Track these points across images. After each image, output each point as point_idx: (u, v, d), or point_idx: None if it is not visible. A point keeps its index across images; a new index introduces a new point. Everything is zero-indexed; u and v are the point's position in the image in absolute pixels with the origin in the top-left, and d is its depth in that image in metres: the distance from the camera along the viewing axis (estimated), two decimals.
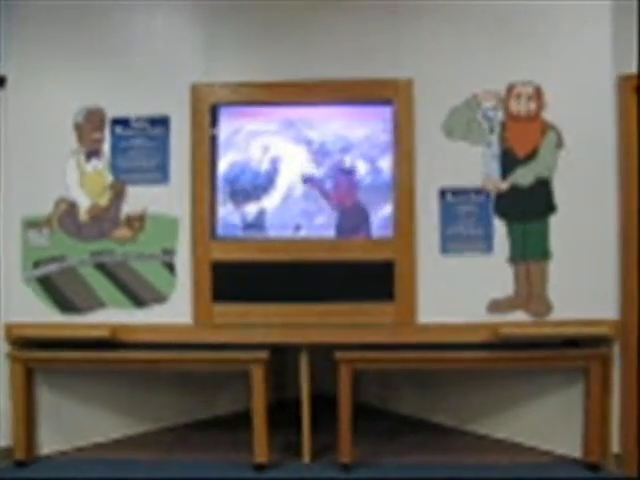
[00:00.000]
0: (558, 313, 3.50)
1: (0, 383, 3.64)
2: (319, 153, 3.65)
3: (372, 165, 3.64)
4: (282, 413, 4.07)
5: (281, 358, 4.16)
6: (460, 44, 3.55)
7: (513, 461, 3.62)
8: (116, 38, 3.64)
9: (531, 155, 3.51)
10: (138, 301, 3.62)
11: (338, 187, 3.64)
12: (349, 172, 3.63)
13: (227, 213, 3.67)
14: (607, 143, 3.49)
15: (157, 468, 3.58)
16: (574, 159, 3.49)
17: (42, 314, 3.63)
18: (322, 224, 3.65)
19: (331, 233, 3.63)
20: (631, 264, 3.45)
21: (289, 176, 3.66)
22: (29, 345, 3.64)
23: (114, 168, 3.65)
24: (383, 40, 3.59)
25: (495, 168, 3.52)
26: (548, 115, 3.51)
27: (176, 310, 3.60)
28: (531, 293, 3.52)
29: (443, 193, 3.54)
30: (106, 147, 3.65)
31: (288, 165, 3.67)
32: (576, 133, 3.48)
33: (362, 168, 3.64)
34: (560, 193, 3.50)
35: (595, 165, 3.49)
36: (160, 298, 3.62)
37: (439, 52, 3.56)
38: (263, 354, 3.52)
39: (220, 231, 3.65)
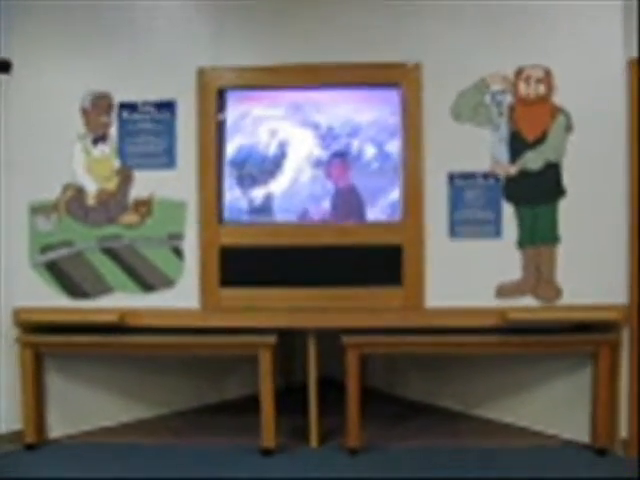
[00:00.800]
0: (567, 298, 3.49)
1: (10, 367, 3.66)
2: (326, 137, 3.64)
3: (380, 149, 3.62)
4: (290, 397, 4.08)
5: (289, 342, 4.16)
6: (468, 27, 3.51)
7: (520, 445, 3.62)
8: (123, 22, 3.62)
9: (540, 139, 3.48)
10: (146, 286, 3.63)
11: (333, 169, 3.63)
12: (342, 154, 3.61)
13: (234, 197, 3.66)
14: (617, 127, 3.45)
15: (165, 452, 3.60)
16: (584, 143, 3.46)
17: (50, 299, 3.64)
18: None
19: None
20: None
21: (296, 160, 3.65)
22: (38, 330, 3.66)
23: (121, 153, 3.64)
24: (391, 23, 3.55)
25: (504, 152, 3.50)
26: (557, 98, 3.47)
27: (184, 295, 3.60)
28: (540, 278, 3.50)
29: (452, 177, 3.52)
30: (113, 132, 3.64)
31: (295, 149, 3.65)
32: (586, 117, 3.45)
33: (370, 152, 3.63)
34: (569, 177, 3.47)
35: (605, 149, 3.46)
36: (168, 283, 3.62)
37: (447, 35, 3.52)
38: (271, 338, 3.53)
39: (227, 215, 3.65)
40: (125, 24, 3.63)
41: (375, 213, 3.62)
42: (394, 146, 3.59)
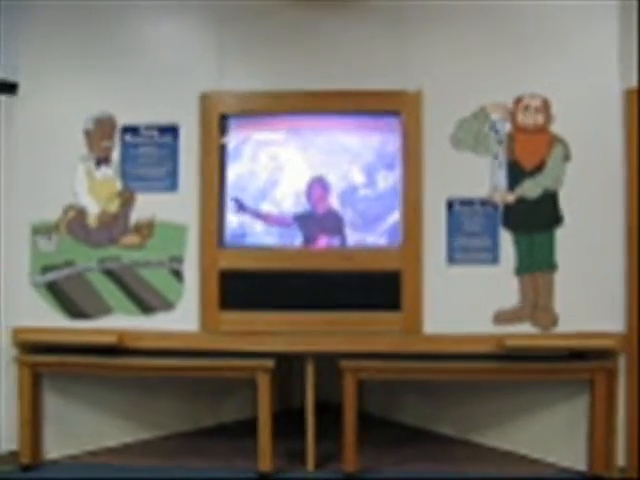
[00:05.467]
0: (564, 325, 3.50)
1: (7, 387, 3.66)
2: (326, 163, 3.67)
3: (379, 175, 3.66)
4: (287, 421, 4.08)
5: (287, 366, 4.17)
6: (468, 56, 3.57)
7: (516, 472, 3.61)
8: (127, 46, 3.68)
9: (538, 167, 3.52)
10: (145, 308, 3.64)
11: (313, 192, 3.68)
12: (320, 179, 3.66)
13: (235, 221, 3.69)
14: (614, 156, 3.50)
15: (161, 475, 3.59)
16: (581, 172, 3.50)
17: (50, 319, 3.65)
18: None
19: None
20: (637, 277, 3.45)
21: (296, 185, 3.68)
22: (36, 350, 3.66)
23: (123, 175, 3.68)
24: (392, 52, 3.61)
25: (502, 180, 3.54)
26: (556, 128, 3.52)
27: (183, 317, 3.61)
28: (537, 305, 3.52)
29: (450, 204, 3.56)
30: (116, 154, 3.68)
31: (295, 174, 3.68)
32: (583, 146, 3.50)
33: (369, 178, 3.66)
34: (567, 205, 3.51)
35: (602, 178, 3.50)
36: (167, 305, 3.63)
37: (448, 64, 3.58)
38: (269, 362, 3.53)
39: (228, 239, 3.67)
40: (130, 48, 3.68)
41: (372, 239, 3.65)
42: (394, 173, 3.63)
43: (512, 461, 3.77)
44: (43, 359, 3.64)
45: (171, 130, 3.65)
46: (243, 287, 3.59)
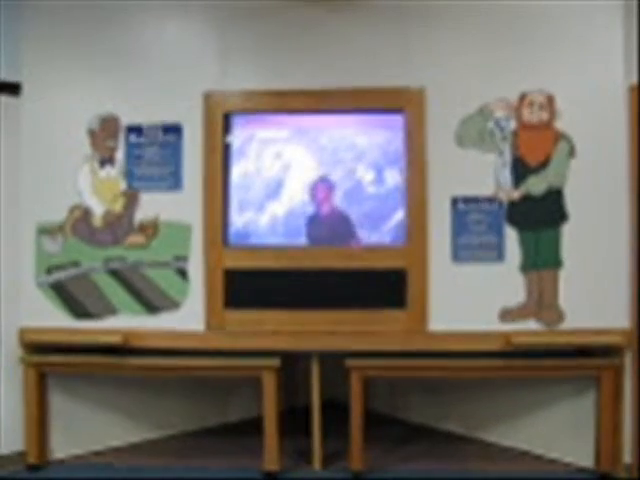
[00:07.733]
0: (570, 322, 3.49)
1: (13, 387, 3.67)
2: (331, 161, 3.67)
3: (384, 173, 3.66)
4: (293, 420, 4.08)
5: (292, 365, 4.16)
6: (472, 53, 3.56)
7: (523, 470, 3.61)
8: (131, 45, 3.68)
9: (543, 164, 3.51)
10: (150, 307, 3.64)
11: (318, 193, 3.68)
12: (326, 179, 3.65)
13: (239, 220, 3.69)
14: (619, 152, 3.48)
15: (167, 474, 3.59)
16: (586, 168, 3.49)
17: (55, 319, 3.65)
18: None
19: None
20: None
21: (300, 184, 3.68)
22: (42, 350, 3.66)
23: (127, 175, 3.68)
24: (395, 49, 3.60)
25: (507, 177, 3.53)
26: (560, 124, 3.51)
27: (188, 316, 3.61)
28: (543, 302, 3.51)
29: (455, 201, 3.55)
30: (120, 154, 3.68)
31: (300, 173, 3.68)
32: (588, 142, 3.48)
33: (373, 176, 3.66)
34: (572, 202, 3.50)
35: (607, 174, 3.49)
36: (172, 304, 3.63)
37: (451, 61, 3.56)
38: (275, 361, 3.53)
39: (232, 238, 3.67)
40: (133, 48, 3.68)
41: (377, 237, 3.64)
42: (397, 171, 3.63)
43: (518, 458, 3.78)
44: (49, 359, 3.65)
45: (175, 129, 3.65)
46: (248, 286, 3.58)
